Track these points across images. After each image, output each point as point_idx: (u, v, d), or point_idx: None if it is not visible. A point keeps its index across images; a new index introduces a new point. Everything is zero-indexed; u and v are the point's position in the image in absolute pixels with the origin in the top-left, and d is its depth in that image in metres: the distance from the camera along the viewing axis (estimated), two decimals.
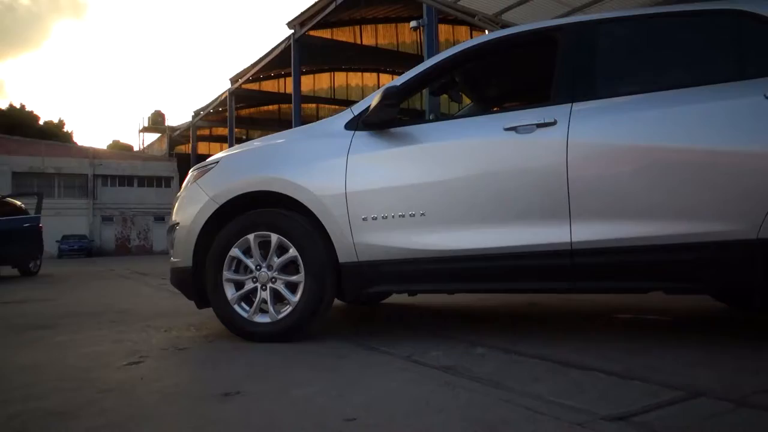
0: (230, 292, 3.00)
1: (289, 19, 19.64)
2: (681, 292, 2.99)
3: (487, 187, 2.70)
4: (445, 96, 4.13)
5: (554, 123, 2.64)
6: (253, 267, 2.97)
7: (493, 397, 1.91)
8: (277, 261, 2.93)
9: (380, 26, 24.63)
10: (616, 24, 2.90)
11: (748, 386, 1.91)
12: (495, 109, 4.11)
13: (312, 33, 20.67)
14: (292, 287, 2.91)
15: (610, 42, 2.83)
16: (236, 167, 3.22)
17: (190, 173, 3.43)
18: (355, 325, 3.61)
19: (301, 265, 2.87)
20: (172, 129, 45.08)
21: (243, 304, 3.00)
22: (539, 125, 2.66)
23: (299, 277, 2.88)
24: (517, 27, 3.22)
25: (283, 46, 21.26)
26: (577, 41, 2.82)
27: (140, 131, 48.53)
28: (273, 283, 2.93)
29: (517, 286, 2.81)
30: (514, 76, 3.87)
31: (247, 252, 2.99)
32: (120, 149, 50.11)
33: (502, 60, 3.56)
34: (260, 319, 2.95)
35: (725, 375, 2.06)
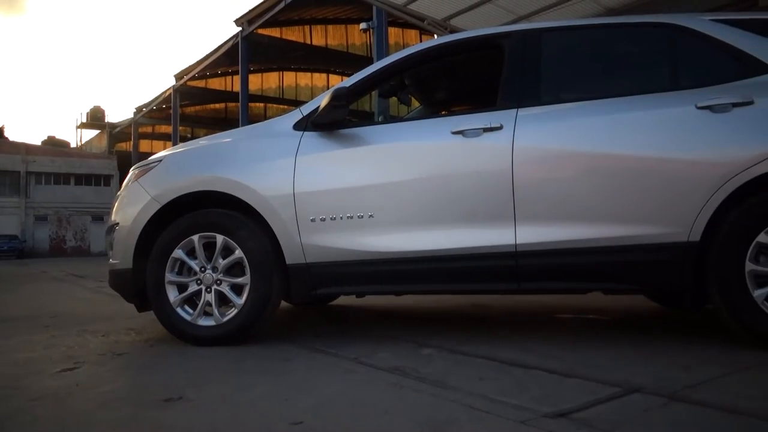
0: (173, 294, 2.91)
1: (238, 16, 19.28)
2: (618, 292, 3.11)
3: (434, 190, 2.73)
4: (394, 98, 4.16)
5: (500, 128, 2.70)
6: (197, 269, 2.90)
7: (440, 397, 1.93)
8: (222, 262, 2.87)
9: (330, 27, 24.54)
10: (560, 33, 2.99)
11: (679, 381, 2.00)
12: (443, 112, 4.17)
13: (261, 31, 20.37)
14: (237, 289, 2.85)
15: (554, 50, 2.92)
16: (180, 166, 3.13)
17: (131, 172, 3.32)
18: (302, 328, 3.57)
19: (248, 267, 2.82)
20: (113, 126, 43.41)
21: (186, 307, 2.91)
22: (486, 129, 2.71)
23: (245, 279, 2.83)
24: (466, 32, 3.29)
25: (230, 43, 20.85)
26: (523, 48, 2.89)
27: (78, 127, 46.49)
28: (218, 285, 2.87)
29: (463, 287, 2.86)
30: (462, 81, 3.93)
31: (191, 253, 2.91)
32: (55, 146, 47.80)
33: (451, 64, 3.61)
34: (204, 322, 2.88)
35: (658, 371, 2.16)
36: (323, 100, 2.86)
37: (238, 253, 2.84)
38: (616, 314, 3.74)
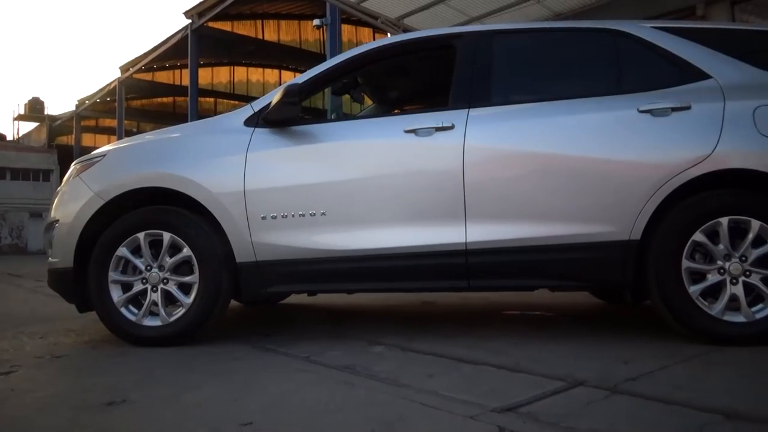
0: (116, 294, 2.81)
1: (187, 8, 18.78)
2: (564, 289, 3.22)
3: (386, 188, 2.75)
4: (347, 96, 4.15)
5: (452, 127, 2.73)
6: (142, 267, 2.81)
7: (391, 394, 1.94)
8: (169, 261, 2.80)
9: (283, 22, 24.23)
10: (510, 35, 3.06)
11: (620, 375, 2.09)
12: (396, 111, 4.19)
13: (211, 24, 19.92)
14: (185, 288, 2.79)
15: (504, 52, 2.98)
16: (126, 161, 3.03)
17: (73, 166, 3.18)
18: (252, 327, 3.52)
19: (196, 266, 2.76)
20: (53, 118, 41.49)
21: (131, 307, 2.82)
22: (438, 129, 2.74)
23: (193, 278, 2.76)
24: (419, 32, 3.31)
25: (179, 36, 20.29)
26: (475, 50, 2.94)
27: (15, 119, 44.15)
28: (164, 284, 2.79)
29: (415, 285, 2.88)
30: (414, 80, 3.96)
31: (136, 252, 2.83)
32: None
33: (404, 63, 3.63)
34: (150, 322, 2.79)
35: (601, 365, 2.24)
36: (275, 97, 2.82)
37: (186, 251, 2.77)
38: (562, 310, 3.86)
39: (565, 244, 2.61)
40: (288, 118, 2.84)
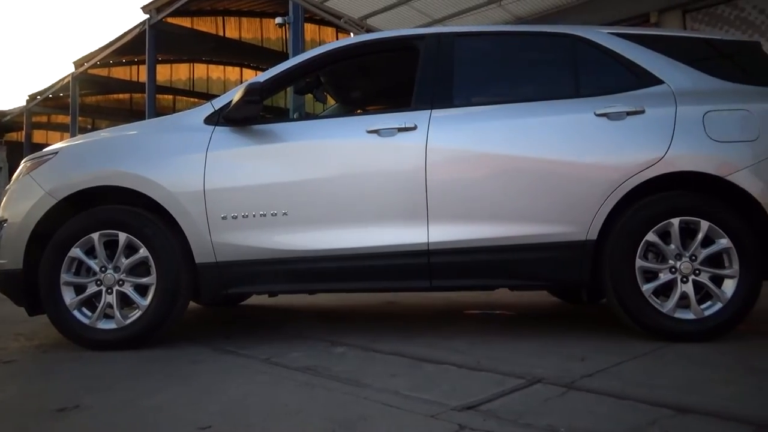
0: (69, 296, 2.72)
1: (145, 2, 18.31)
2: (523, 288, 3.27)
3: (349, 188, 2.74)
4: (309, 96, 4.12)
5: (414, 128, 2.75)
6: (97, 269, 2.73)
7: (352, 394, 1.94)
8: (125, 262, 2.72)
9: (245, 19, 23.88)
10: (472, 38, 3.09)
11: (577, 372, 2.14)
12: (358, 111, 4.19)
13: (170, 20, 19.47)
14: (142, 290, 2.72)
15: (466, 54, 3.01)
16: (80, 159, 2.93)
17: (23, 164, 3.06)
18: (211, 329, 3.46)
19: (153, 266, 2.69)
20: (2, 114, 39.82)
21: (84, 310, 2.73)
22: (400, 129, 2.75)
23: (150, 279, 2.70)
24: (382, 33, 3.32)
25: (137, 31, 19.76)
26: (437, 51, 2.96)
27: None
28: (120, 285, 2.71)
29: (377, 285, 2.88)
30: (377, 80, 3.96)
31: (90, 252, 2.74)
32: None
33: (367, 63, 3.64)
34: (105, 325, 2.71)
35: (559, 362, 2.29)
36: (236, 95, 2.78)
37: (143, 251, 2.70)
38: (521, 309, 3.93)
39: (525, 245, 2.66)
40: (249, 116, 2.81)
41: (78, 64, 25.24)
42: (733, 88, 2.81)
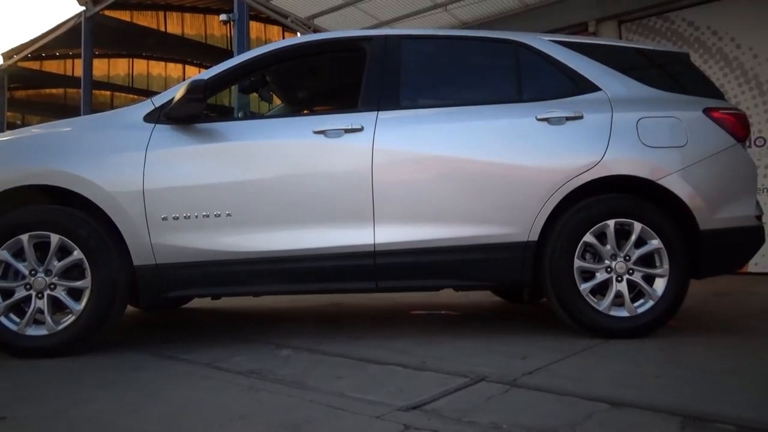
0: None
1: None
2: (468, 288, 3.33)
3: (295, 189, 2.71)
4: (255, 95, 4.06)
5: (361, 129, 2.75)
6: (26, 272, 2.59)
7: (298, 398, 1.92)
8: (57, 265, 2.59)
9: (188, 15, 23.23)
10: (419, 41, 3.12)
11: (519, 369, 2.19)
12: (305, 111, 4.15)
13: (108, 13, 18.73)
14: (75, 294, 2.60)
15: (413, 57, 3.04)
16: (8, 156, 2.77)
17: None
18: (151, 334, 3.35)
19: (88, 269, 2.58)
20: None
21: (12, 316, 2.58)
22: (347, 130, 2.75)
23: (85, 283, 2.58)
24: (330, 33, 3.31)
25: (72, 23, 18.88)
26: (384, 53, 2.97)
27: None
28: (52, 290, 2.58)
29: (323, 286, 2.86)
30: (324, 81, 3.94)
31: (18, 255, 2.59)
32: None
33: (314, 64, 3.61)
34: (34, 331, 2.57)
35: (501, 361, 2.34)
36: (178, 92, 2.70)
37: (77, 254, 2.58)
38: (466, 309, 4.00)
39: (469, 245, 2.71)
40: (192, 114, 2.73)
41: (7, 56, 23.85)
42: (664, 96, 2.96)
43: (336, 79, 3.87)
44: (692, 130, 2.82)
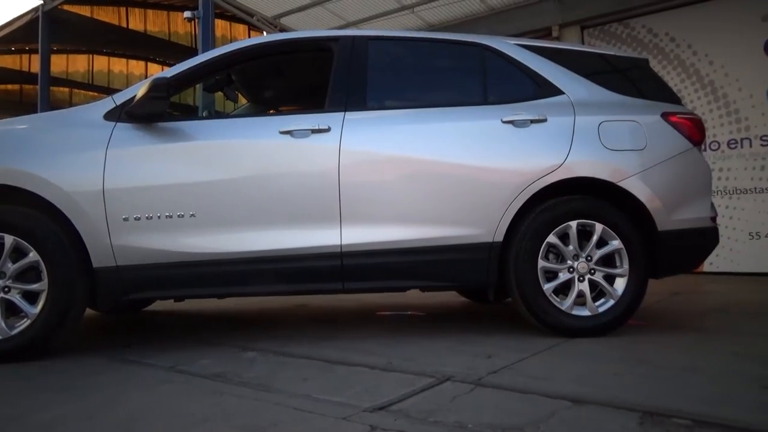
0: None
1: None
2: (434, 289, 3.35)
3: (260, 189, 2.68)
4: (220, 93, 4.00)
5: (328, 130, 2.74)
6: None
7: (263, 400, 1.90)
8: (12, 267, 2.50)
9: (150, 11, 22.73)
10: (386, 42, 3.13)
11: (484, 369, 2.22)
12: (271, 111, 4.12)
13: (67, 7, 18.19)
14: (31, 297, 2.51)
15: (380, 58, 3.04)
16: None
17: None
18: (111, 337, 3.27)
19: (45, 272, 2.50)
20: None
21: None
22: (314, 131, 2.73)
23: (41, 285, 2.50)
24: (296, 32, 3.28)
25: (29, 17, 18.25)
26: (351, 54, 2.97)
27: None
28: (5, 292, 2.49)
29: (289, 288, 2.84)
30: (291, 81, 3.91)
31: None
32: None
33: (280, 63, 3.58)
34: None
35: (467, 361, 2.36)
36: (141, 90, 2.65)
37: (33, 255, 2.50)
38: (432, 310, 4.02)
39: (435, 246, 2.73)
40: (154, 113, 2.68)
41: None
42: (624, 100, 3.04)
43: (303, 79, 3.85)
44: (651, 134, 2.90)
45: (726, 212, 5.90)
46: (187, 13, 8.50)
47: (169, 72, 2.85)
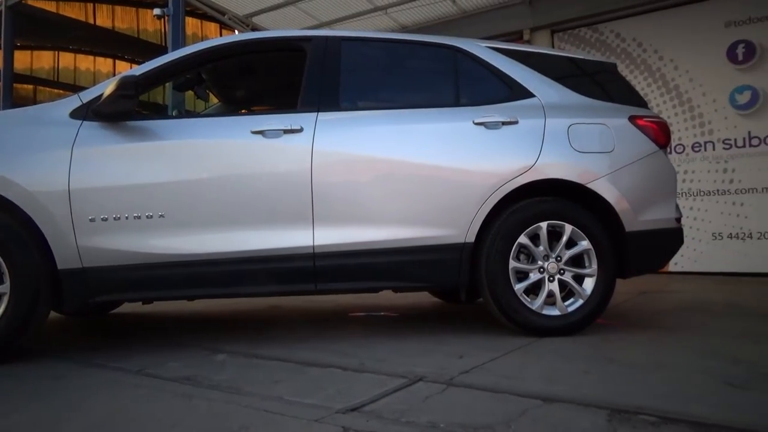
0: None
1: None
2: (406, 289, 3.36)
3: (232, 190, 2.65)
4: (191, 92, 3.94)
5: (300, 130, 2.72)
6: None
7: (234, 404, 1.87)
8: None
9: (119, 8, 22.29)
10: (359, 43, 3.13)
11: (456, 369, 2.23)
12: (243, 111, 4.07)
13: (31, 2, 17.71)
14: None
15: (353, 59, 3.03)
16: None
17: None
18: (76, 341, 3.19)
19: (6, 274, 2.42)
20: None
21: None
22: (286, 131, 2.71)
23: (3, 288, 2.42)
24: (269, 32, 3.25)
25: None
26: (324, 54, 2.96)
27: None
28: None
29: (261, 289, 2.80)
30: (263, 80, 3.88)
31: None
32: None
33: (253, 62, 3.55)
34: None
35: (439, 361, 2.37)
36: (108, 88, 2.59)
37: None
38: (404, 310, 4.03)
39: (408, 247, 2.73)
40: (123, 111, 2.62)
41: None
42: (593, 103, 3.10)
43: (275, 79, 3.82)
44: (619, 137, 2.96)
45: (690, 213, 6.06)
46: (156, 11, 8.35)
47: (138, 70, 2.80)
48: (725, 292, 4.65)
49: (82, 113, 2.65)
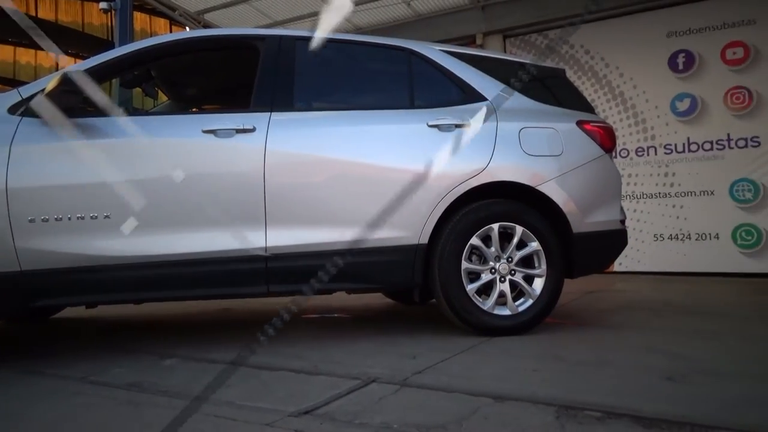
0: None
1: None
2: (360, 291, 3.35)
3: (181, 190, 2.59)
4: (138, 89, 3.83)
5: (253, 130, 2.69)
6: None
7: (182, 410, 1.82)
8: None
9: (62, 0, 21.47)
10: (314, 43, 3.10)
11: (409, 369, 2.24)
12: (193, 109, 3.98)
13: None
14: None
15: (307, 59, 3.01)
16: None
17: None
18: (14, 348, 3.04)
19: None
20: None
21: None
22: (238, 131, 2.67)
23: None
24: (221, 29, 3.20)
25: None
26: (278, 53, 2.92)
27: None
28: None
29: (211, 292, 2.74)
30: (214, 79, 3.80)
31: None
32: None
33: (204, 60, 3.47)
34: None
35: (392, 361, 2.38)
36: (50, 83, 2.48)
37: None
38: (358, 312, 4.03)
39: (361, 248, 2.73)
40: (66, 108, 2.52)
41: None
42: (543, 108, 3.18)
43: (227, 78, 3.75)
44: (567, 141, 3.04)
45: (633, 215, 6.30)
46: (103, 4, 8.06)
47: (84, 65, 2.70)
48: (666, 291, 4.85)
49: (21, 109, 2.53)
